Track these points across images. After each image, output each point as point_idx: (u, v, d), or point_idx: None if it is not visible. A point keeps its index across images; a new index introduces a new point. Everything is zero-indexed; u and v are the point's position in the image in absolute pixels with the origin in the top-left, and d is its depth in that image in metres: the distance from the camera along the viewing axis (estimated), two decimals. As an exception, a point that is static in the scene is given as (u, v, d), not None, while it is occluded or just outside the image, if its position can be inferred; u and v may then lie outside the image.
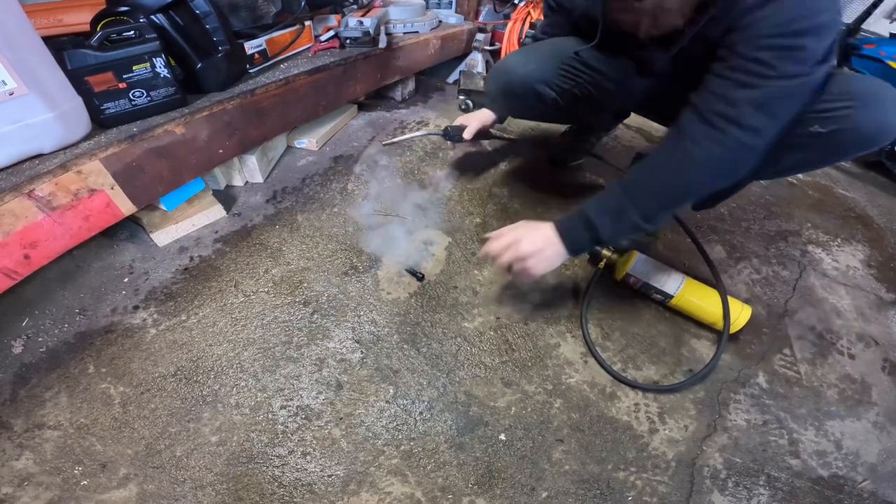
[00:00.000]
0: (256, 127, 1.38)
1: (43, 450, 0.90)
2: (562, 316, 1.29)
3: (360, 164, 1.75)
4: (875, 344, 1.39)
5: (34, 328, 1.08)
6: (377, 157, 1.80)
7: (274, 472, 0.91)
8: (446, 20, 2.33)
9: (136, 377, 1.02)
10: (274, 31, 1.49)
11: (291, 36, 1.56)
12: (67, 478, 0.87)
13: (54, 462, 0.89)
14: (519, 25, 2.35)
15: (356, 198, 1.58)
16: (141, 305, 1.15)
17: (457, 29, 2.25)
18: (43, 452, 0.90)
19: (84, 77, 1.02)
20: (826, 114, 0.96)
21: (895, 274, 1.69)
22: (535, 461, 0.99)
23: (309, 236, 1.40)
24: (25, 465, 0.87)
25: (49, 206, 0.93)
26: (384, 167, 1.74)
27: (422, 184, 1.69)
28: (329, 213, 1.50)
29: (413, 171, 1.75)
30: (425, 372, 1.11)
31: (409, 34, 2.04)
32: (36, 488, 0.85)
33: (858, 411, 1.19)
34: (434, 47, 2.11)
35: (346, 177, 1.67)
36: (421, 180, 1.71)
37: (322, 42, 1.72)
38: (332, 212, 1.50)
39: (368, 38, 1.74)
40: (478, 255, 1.40)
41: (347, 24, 1.71)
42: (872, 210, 2.09)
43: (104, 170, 1.01)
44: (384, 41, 1.79)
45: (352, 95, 1.83)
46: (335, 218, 1.48)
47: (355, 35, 1.71)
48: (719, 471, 1.03)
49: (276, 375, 1.06)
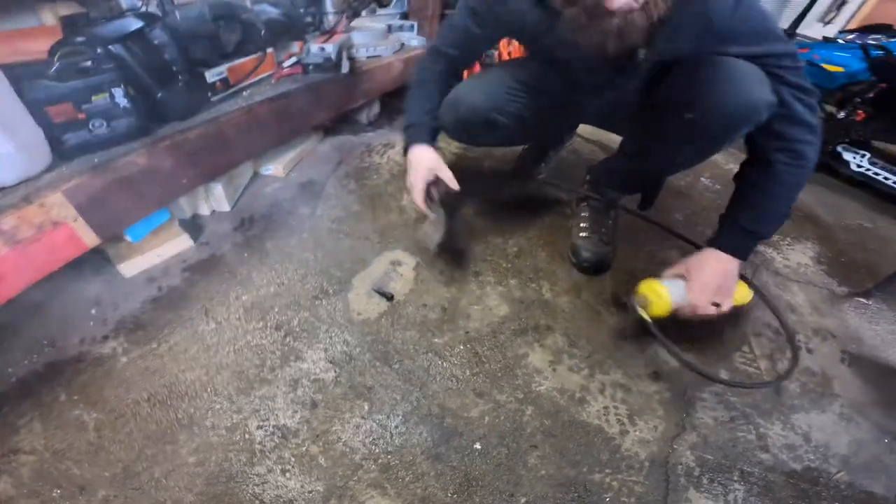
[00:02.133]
0: (221, 155, 1.39)
1: (20, 474, 0.90)
2: (528, 327, 1.32)
3: (328, 189, 1.77)
4: (832, 337, 1.44)
5: (2, 360, 1.07)
6: (344, 182, 1.82)
7: (254, 490, 0.91)
8: (409, 43, 2.38)
9: (109, 403, 1.02)
10: (235, 59, 1.51)
11: (253, 63, 1.58)
12: (46, 500, 0.87)
13: (32, 486, 0.88)
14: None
15: (325, 222, 1.60)
16: (110, 335, 1.14)
17: (419, 51, 2.30)
18: (20, 476, 0.89)
19: (43, 107, 1.02)
20: (696, 99, 1.04)
21: (846, 269, 1.76)
22: (512, 467, 1.01)
23: (278, 262, 1.41)
24: (4, 488, 0.87)
25: (13, 240, 0.93)
26: (351, 191, 1.76)
27: (388, 207, 1.71)
28: (298, 239, 1.51)
29: (379, 194, 1.78)
30: (399, 387, 1.12)
31: (373, 58, 2.08)
32: (16, 511, 0.84)
33: (822, 404, 1.24)
34: (397, 70, 2.15)
35: (313, 202, 1.69)
36: (387, 203, 1.73)
37: (285, 69, 1.74)
38: (300, 238, 1.52)
39: (331, 64, 1.77)
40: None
41: (309, 51, 1.74)
42: (820, 209, 2.18)
43: (67, 202, 1.01)
44: (347, 66, 1.82)
45: (317, 121, 1.86)
46: (304, 244, 1.50)
47: (317, 61, 1.74)
48: (692, 468, 1.05)
49: (250, 397, 1.06)
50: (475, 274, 1.47)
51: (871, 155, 2.44)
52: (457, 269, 1.48)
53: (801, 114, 1.06)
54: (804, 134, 1.08)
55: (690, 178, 2.26)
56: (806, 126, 1.08)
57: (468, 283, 1.44)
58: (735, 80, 1.00)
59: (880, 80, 2.65)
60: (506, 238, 1.63)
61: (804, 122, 1.07)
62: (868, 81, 2.80)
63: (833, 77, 3.14)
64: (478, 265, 1.50)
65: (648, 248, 1.69)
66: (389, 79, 2.15)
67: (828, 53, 3.24)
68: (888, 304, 1.59)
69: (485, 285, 1.44)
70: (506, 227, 1.68)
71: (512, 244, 1.61)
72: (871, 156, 2.44)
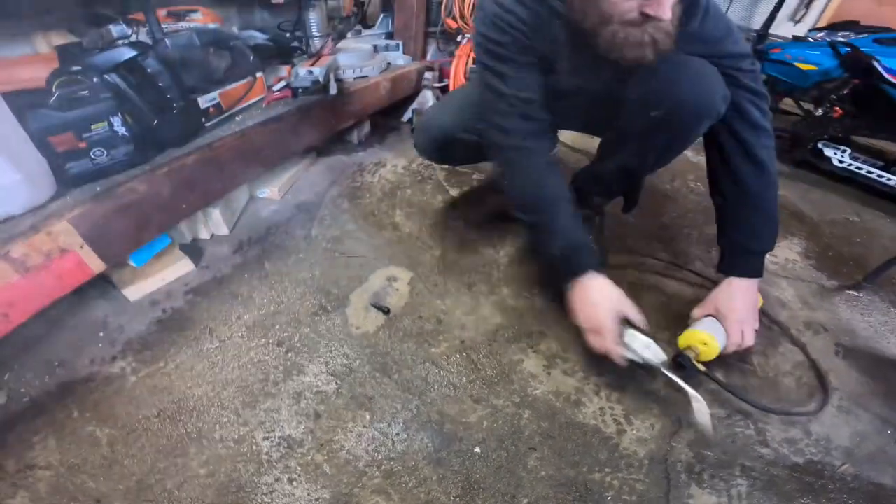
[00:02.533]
0: (217, 180, 1.42)
1: (37, 488, 0.92)
2: (522, 334, 1.36)
3: (322, 209, 1.82)
4: (824, 330, 1.47)
5: (15, 381, 1.10)
6: (338, 202, 1.86)
7: (263, 499, 0.93)
8: (395, 62, 2.43)
9: (120, 420, 1.04)
10: (227, 85, 1.55)
11: (244, 88, 1.62)
12: None
13: (49, 499, 0.90)
14: (464, 61, 2.49)
15: (321, 242, 1.63)
16: (118, 356, 1.17)
17: (406, 69, 2.35)
18: (37, 491, 0.91)
19: (46, 137, 1.05)
20: (660, 96, 1.10)
21: (834, 262, 1.80)
22: (512, 470, 1.03)
23: (277, 282, 1.45)
24: (21, 502, 0.89)
25: (24, 267, 0.96)
26: (345, 211, 1.81)
27: (381, 224, 1.76)
28: (295, 259, 1.55)
29: (373, 212, 1.82)
30: (398, 396, 1.16)
31: (360, 79, 2.14)
32: (32, 526, 0.86)
33: (820, 397, 1.26)
34: (385, 89, 2.20)
35: (309, 223, 1.73)
36: (380, 221, 1.78)
37: (275, 92, 1.79)
38: (298, 258, 1.55)
39: (319, 87, 1.81)
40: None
41: (298, 75, 1.79)
42: (805, 205, 2.22)
43: (73, 229, 1.04)
44: (335, 88, 1.87)
45: (308, 142, 1.89)
46: (301, 263, 1.53)
47: (306, 84, 1.79)
48: (693, 465, 1.08)
49: (256, 410, 1.09)
50: (468, 285, 1.51)
51: (851, 150, 2.47)
52: (450, 281, 1.51)
53: (758, 120, 1.13)
54: (763, 139, 1.15)
55: (677, 182, 2.30)
56: (763, 131, 1.15)
57: (462, 294, 1.47)
58: (693, 76, 1.07)
59: (852, 76, 2.68)
60: (497, 249, 1.67)
61: (761, 127, 1.14)
62: (841, 78, 2.82)
63: (807, 75, 3.14)
64: (471, 276, 1.54)
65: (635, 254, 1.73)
66: (377, 99, 2.20)
67: (800, 52, 3.23)
68: (879, 295, 1.62)
69: (478, 296, 1.47)
70: (496, 238, 1.73)
71: (503, 255, 1.65)
72: (851, 151, 2.47)
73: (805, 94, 3.28)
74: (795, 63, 3.19)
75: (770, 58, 3.40)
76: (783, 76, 3.33)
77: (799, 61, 3.18)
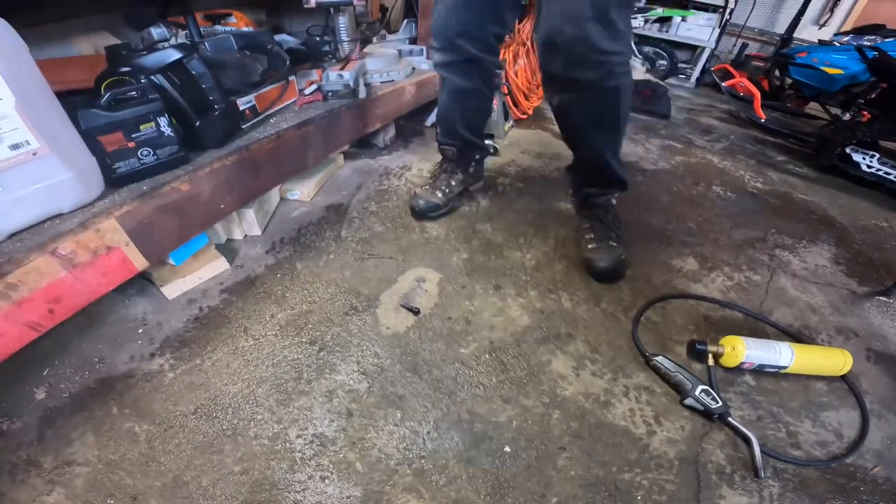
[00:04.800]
0: (253, 181, 1.45)
1: (74, 485, 0.93)
2: (550, 335, 1.36)
3: (351, 211, 1.84)
4: (855, 336, 1.47)
5: (55, 377, 1.13)
6: (366, 204, 1.89)
7: (296, 497, 0.95)
8: (419, 67, 2.45)
9: (158, 416, 1.07)
10: (262, 88, 1.58)
11: (278, 91, 1.65)
12: None
13: (86, 496, 0.92)
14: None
15: (350, 244, 1.66)
16: (157, 353, 1.20)
17: (430, 74, 2.37)
18: (74, 487, 0.93)
19: (96, 136, 1.07)
20: (543, 28, 1.23)
21: (864, 268, 1.79)
22: (542, 469, 1.04)
23: (309, 282, 1.47)
24: (57, 500, 0.91)
25: (71, 264, 0.99)
26: (373, 213, 1.83)
27: (409, 227, 1.78)
28: (326, 260, 1.57)
29: (400, 215, 1.84)
30: (429, 395, 1.17)
31: (386, 83, 2.15)
32: (69, 523, 0.88)
33: (852, 401, 1.26)
34: (410, 94, 2.22)
35: (338, 224, 1.76)
36: (408, 223, 1.80)
37: (307, 95, 1.82)
38: (328, 258, 1.58)
39: (349, 90, 1.85)
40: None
41: (329, 78, 1.82)
42: (833, 210, 2.20)
43: (119, 228, 1.07)
44: (364, 92, 1.90)
45: (337, 145, 1.93)
46: (332, 263, 1.56)
47: (337, 88, 1.83)
48: (723, 466, 1.08)
49: (289, 408, 1.11)
50: (496, 287, 1.52)
51: (880, 155, 2.45)
52: (478, 283, 1.53)
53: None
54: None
55: (702, 187, 2.29)
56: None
57: (490, 295, 1.49)
58: (552, 16, 1.18)
59: (880, 80, 2.65)
60: (524, 253, 1.69)
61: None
62: (869, 82, 2.80)
63: (834, 79, 3.15)
64: (498, 279, 1.55)
65: (663, 257, 1.73)
66: (403, 103, 2.22)
67: (826, 56, 3.23)
68: (910, 301, 1.60)
69: (506, 297, 1.49)
70: (522, 241, 1.74)
71: (530, 258, 1.66)
72: (880, 156, 2.44)
73: (832, 99, 3.27)
74: (822, 67, 3.19)
75: (796, 62, 3.38)
76: (810, 80, 3.32)
77: (825, 65, 3.18)
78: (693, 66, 4.96)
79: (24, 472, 0.94)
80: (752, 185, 2.49)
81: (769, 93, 3.86)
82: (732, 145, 3.11)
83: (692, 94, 4.59)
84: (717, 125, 3.55)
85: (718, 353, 1.29)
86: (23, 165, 0.93)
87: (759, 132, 3.45)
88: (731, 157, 2.87)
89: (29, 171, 0.95)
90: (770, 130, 3.41)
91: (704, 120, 3.64)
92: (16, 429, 1.02)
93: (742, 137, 3.30)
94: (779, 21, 5.00)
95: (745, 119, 3.69)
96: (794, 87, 3.64)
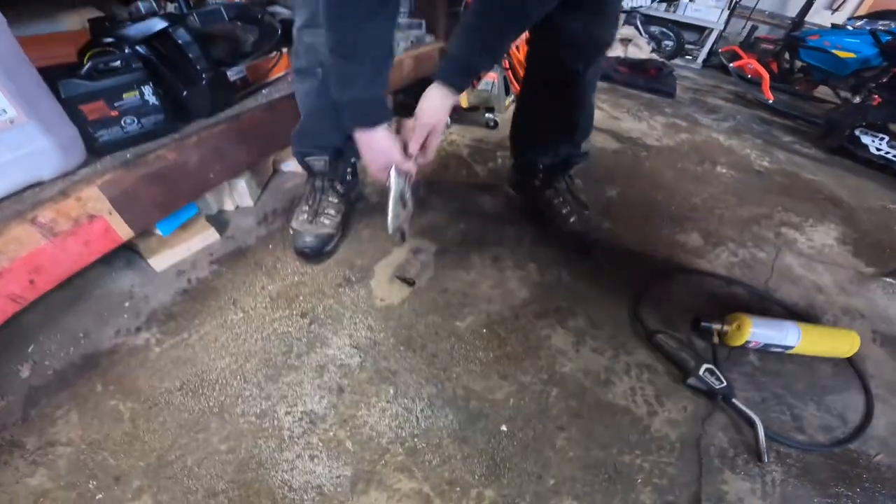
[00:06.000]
0: (244, 151, 1.41)
1: (57, 466, 0.90)
2: (549, 309, 1.33)
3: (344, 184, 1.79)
4: (861, 317, 1.44)
5: (39, 353, 1.09)
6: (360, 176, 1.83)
7: (283, 477, 0.92)
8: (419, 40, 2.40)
9: (143, 393, 1.03)
10: (253, 59, 1.53)
11: (270, 62, 1.61)
12: (83, 492, 0.87)
13: (69, 477, 0.89)
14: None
15: (344, 214, 1.62)
16: (143, 327, 1.17)
17: (429, 48, 2.31)
18: (57, 468, 0.90)
19: (77, 105, 1.05)
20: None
21: (871, 249, 1.77)
22: (539, 449, 1.01)
23: (302, 253, 1.43)
24: (40, 481, 0.88)
25: (51, 232, 0.96)
26: (368, 184, 1.78)
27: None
28: (319, 231, 1.53)
29: (396, 186, 1.79)
30: (423, 371, 1.14)
31: (384, 56, 2.09)
32: (52, 504, 0.85)
33: (857, 384, 1.24)
34: (408, 67, 2.17)
35: (332, 196, 1.71)
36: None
37: (301, 67, 1.76)
38: (321, 229, 1.53)
39: (343, 63, 1.79)
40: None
41: (323, 50, 1.77)
42: (841, 191, 2.18)
43: (102, 196, 1.04)
44: (360, 63, 1.84)
45: (333, 117, 1.87)
46: (325, 234, 1.51)
47: (330, 59, 1.77)
48: (726, 449, 1.05)
49: (278, 384, 1.08)
50: (494, 258, 1.48)
51: (889, 138, 2.46)
52: (475, 254, 1.49)
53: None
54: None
55: (707, 165, 2.27)
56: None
57: (487, 267, 1.45)
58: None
59: (892, 64, 2.69)
60: (522, 225, 1.65)
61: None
62: (881, 66, 2.85)
63: (845, 63, 3.21)
64: (497, 250, 1.52)
65: (666, 231, 1.70)
66: (400, 76, 2.17)
67: (838, 39, 3.29)
68: (917, 284, 1.58)
69: (504, 269, 1.45)
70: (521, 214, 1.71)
71: (530, 229, 1.63)
72: (889, 139, 2.46)
73: (842, 82, 3.31)
74: (833, 51, 3.22)
75: (807, 45, 3.41)
76: (820, 64, 3.35)
77: (837, 49, 3.22)
78: (700, 48, 4.91)
79: (8, 453, 0.91)
80: (759, 163, 2.46)
81: (778, 75, 3.86)
82: (739, 125, 3.07)
83: (698, 74, 4.54)
84: (723, 105, 3.50)
85: (723, 330, 1.25)
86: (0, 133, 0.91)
87: (767, 113, 3.42)
88: (737, 136, 2.83)
89: (6, 138, 0.92)
90: (778, 112, 3.38)
91: (710, 100, 3.60)
92: (0, 408, 0.98)
93: (749, 118, 3.26)
94: (790, 4, 4.97)
95: (753, 100, 3.66)
96: (804, 70, 3.68)
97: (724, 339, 1.27)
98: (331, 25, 0.96)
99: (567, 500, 0.94)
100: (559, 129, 1.48)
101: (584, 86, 1.37)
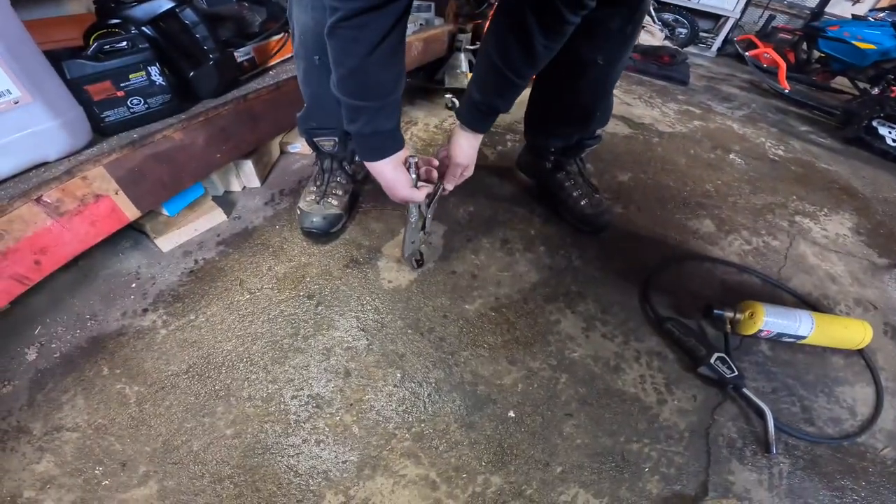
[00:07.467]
0: (251, 131, 1.40)
1: (63, 452, 0.90)
2: (559, 293, 1.32)
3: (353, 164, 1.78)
4: (874, 308, 1.43)
5: (46, 335, 1.08)
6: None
7: (289, 462, 0.91)
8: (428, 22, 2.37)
9: (149, 376, 1.03)
10: (261, 40, 1.52)
11: (278, 44, 1.59)
12: (89, 478, 0.87)
13: (75, 463, 0.88)
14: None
15: (352, 196, 1.60)
16: (150, 308, 1.16)
17: (438, 30, 2.29)
18: (63, 454, 0.89)
19: (83, 86, 1.04)
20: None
21: (885, 240, 1.74)
22: (547, 437, 1.00)
23: (309, 233, 1.42)
24: (47, 467, 0.87)
25: (57, 212, 0.95)
26: (376, 166, 1.77)
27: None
28: (326, 211, 1.51)
29: (405, 167, 1.78)
30: (430, 354, 1.13)
31: (393, 38, 2.07)
32: (58, 490, 0.84)
33: (868, 377, 1.22)
34: (417, 49, 2.14)
35: (340, 178, 1.69)
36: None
37: (308, 48, 1.74)
38: (329, 210, 1.52)
39: (352, 44, 1.77)
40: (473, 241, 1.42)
41: (331, 31, 1.75)
42: (856, 181, 2.15)
43: (108, 175, 1.03)
44: (369, 45, 1.82)
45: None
46: (332, 215, 1.50)
47: (338, 42, 1.75)
48: (735, 440, 1.04)
49: (285, 367, 1.07)
50: (503, 241, 1.47)
51: None
52: (485, 236, 1.48)
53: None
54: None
55: (720, 152, 2.24)
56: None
57: (496, 250, 1.44)
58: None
59: None
60: (532, 207, 1.63)
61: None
62: None
63: (865, 54, 3.23)
64: (506, 233, 1.50)
65: (678, 217, 1.68)
66: (409, 58, 2.14)
67: (859, 30, 3.30)
68: (931, 276, 1.56)
69: (514, 252, 1.44)
70: (531, 196, 1.69)
71: (539, 212, 1.61)
72: None
73: (861, 74, 3.32)
74: (853, 42, 3.22)
75: (827, 35, 3.40)
76: (840, 54, 3.36)
77: (857, 40, 3.21)
78: (715, 36, 4.84)
79: (15, 439, 0.91)
80: (774, 152, 2.43)
81: (795, 65, 3.86)
82: (753, 113, 3.03)
83: (712, 63, 4.49)
84: (737, 93, 3.46)
85: (736, 318, 1.23)
86: (5, 113, 0.90)
87: (782, 102, 3.38)
88: (751, 124, 2.80)
89: (11, 118, 0.91)
90: (794, 101, 3.34)
91: (725, 88, 3.55)
92: (7, 393, 0.98)
93: (764, 106, 3.22)
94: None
95: (768, 89, 3.62)
96: (822, 60, 3.68)
97: (737, 328, 1.25)
98: (335, 62, 0.94)
99: (574, 488, 0.93)
100: (574, 117, 1.45)
101: (603, 77, 1.33)
